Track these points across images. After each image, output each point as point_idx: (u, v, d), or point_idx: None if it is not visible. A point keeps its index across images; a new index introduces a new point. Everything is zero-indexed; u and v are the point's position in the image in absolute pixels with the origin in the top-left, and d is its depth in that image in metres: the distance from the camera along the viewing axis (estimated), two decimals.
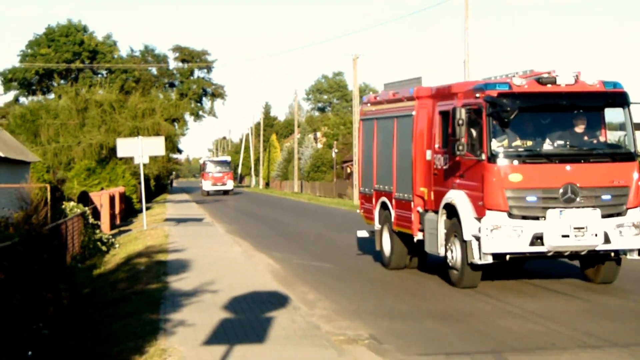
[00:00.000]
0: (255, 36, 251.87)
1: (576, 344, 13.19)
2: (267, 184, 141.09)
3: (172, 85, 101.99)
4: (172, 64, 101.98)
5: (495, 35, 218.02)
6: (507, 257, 17.25)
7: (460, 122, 16.92)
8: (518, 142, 17.54)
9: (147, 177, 63.30)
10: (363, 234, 24.78)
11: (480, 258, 17.04)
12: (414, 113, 20.39)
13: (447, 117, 18.43)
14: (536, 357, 12.21)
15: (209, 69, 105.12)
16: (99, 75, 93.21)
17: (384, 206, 22.25)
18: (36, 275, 15.40)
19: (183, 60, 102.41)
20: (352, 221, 46.37)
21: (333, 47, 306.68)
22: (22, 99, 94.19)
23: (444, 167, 18.89)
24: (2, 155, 35.87)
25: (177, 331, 13.79)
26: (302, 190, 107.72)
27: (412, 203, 20.14)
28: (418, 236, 20.07)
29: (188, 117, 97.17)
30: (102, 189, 50.36)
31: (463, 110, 17.08)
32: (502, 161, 17.01)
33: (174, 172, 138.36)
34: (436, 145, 19.36)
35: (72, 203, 35.17)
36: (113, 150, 51.19)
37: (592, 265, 18.69)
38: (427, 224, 19.42)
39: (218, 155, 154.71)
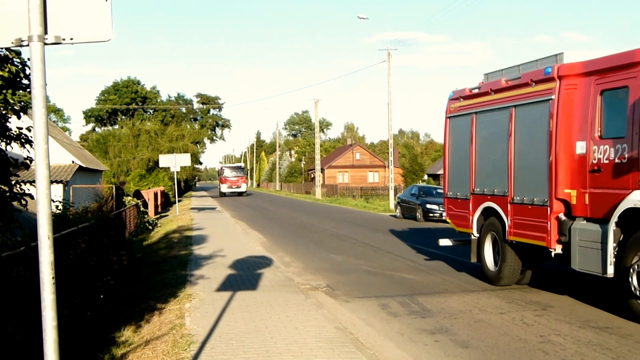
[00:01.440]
0: (251, 85, 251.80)
1: (461, 289, 13.26)
2: (258, 185, 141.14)
3: (195, 119, 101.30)
4: (196, 105, 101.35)
5: (409, 87, 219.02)
6: None
7: None
8: None
9: (179, 180, 63.03)
10: (446, 242, 15.79)
11: None
12: (553, 97, 11.66)
13: (619, 97, 10.55)
14: (435, 298, 12.24)
15: (220, 108, 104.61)
16: (148, 113, 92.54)
17: (487, 212, 13.81)
18: (106, 245, 15.30)
19: (203, 103, 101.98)
20: (312, 208, 46.63)
21: (302, 94, 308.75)
22: (97, 129, 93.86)
23: (615, 161, 10.31)
24: (84, 165, 35.65)
25: (199, 282, 13.72)
26: (281, 189, 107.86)
27: (549, 209, 11.59)
28: (556, 249, 11.61)
29: (206, 141, 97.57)
30: (149, 188, 50.23)
31: None
32: None
33: (196, 177, 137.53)
34: (596, 134, 10.84)
35: (129, 197, 35.18)
36: (156, 163, 51.27)
37: None
38: (580, 236, 10.99)
39: (228, 163, 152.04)
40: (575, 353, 8.42)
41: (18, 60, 8.29)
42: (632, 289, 9.86)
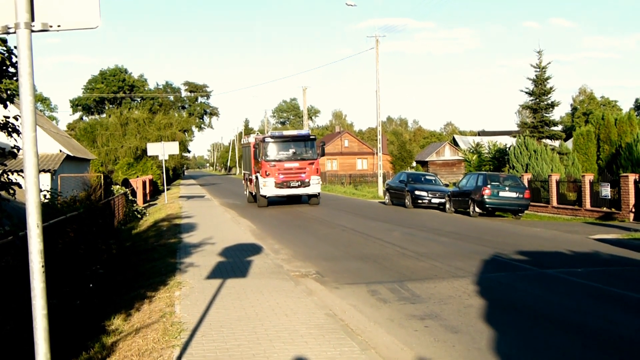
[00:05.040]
0: (240, 73, 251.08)
1: (450, 275, 13.29)
2: None
3: (183, 107, 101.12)
4: (184, 94, 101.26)
5: (396, 75, 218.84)
6: None
7: None
8: None
9: (167, 168, 62.83)
10: None
11: None
12: None
13: None
14: (425, 284, 12.28)
15: (208, 97, 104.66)
16: (135, 101, 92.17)
17: None
18: (94, 234, 15.26)
19: (191, 91, 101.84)
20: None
21: (290, 82, 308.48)
22: (84, 118, 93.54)
23: None
24: (72, 154, 35.43)
25: (188, 270, 13.70)
26: None
27: None
28: None
29: (194, 129, 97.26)
30: (137, 176, 50.10)
31: None
32: None
33: (185, 165, 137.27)
34: None
35: (117, 186, 35.07)
36: (145, 151, 51.13)
37: None
38: None
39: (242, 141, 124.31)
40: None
41: (4, 48, 8.21)
42: None
